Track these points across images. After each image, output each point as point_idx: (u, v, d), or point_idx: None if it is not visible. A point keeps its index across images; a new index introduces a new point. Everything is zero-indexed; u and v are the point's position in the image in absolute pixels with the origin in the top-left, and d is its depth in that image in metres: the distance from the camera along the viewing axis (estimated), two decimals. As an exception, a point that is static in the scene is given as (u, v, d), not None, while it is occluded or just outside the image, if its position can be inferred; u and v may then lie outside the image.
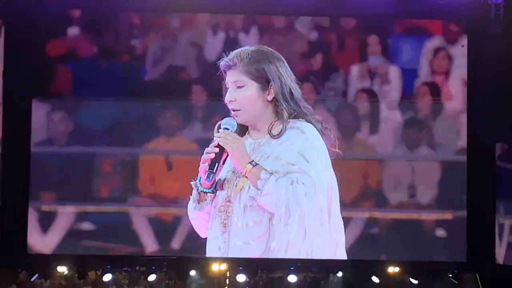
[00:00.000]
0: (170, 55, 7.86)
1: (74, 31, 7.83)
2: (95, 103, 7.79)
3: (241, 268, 7.54)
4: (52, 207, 7.76)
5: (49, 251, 7.71)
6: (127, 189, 7.82)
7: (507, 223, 7.66)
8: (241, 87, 3.93)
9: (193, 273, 7.65)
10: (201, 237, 4.12)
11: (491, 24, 7.55)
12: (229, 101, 3.95)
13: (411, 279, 7.68)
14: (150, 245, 7.75)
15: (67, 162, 7.79)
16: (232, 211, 3.92)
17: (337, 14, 7.78)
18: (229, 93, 3.95)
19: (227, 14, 7.81)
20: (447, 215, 7.82)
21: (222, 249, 3.95)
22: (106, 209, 7.77)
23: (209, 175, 3.86)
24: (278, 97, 3.93)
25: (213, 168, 3.86)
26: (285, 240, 3.79)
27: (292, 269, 7.56)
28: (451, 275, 7.66)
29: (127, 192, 7.81)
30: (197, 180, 3.98)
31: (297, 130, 3.92)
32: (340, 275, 7.65)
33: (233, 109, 3.95)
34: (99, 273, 7.69)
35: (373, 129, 7.87)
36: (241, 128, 3.98)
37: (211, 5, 7.68)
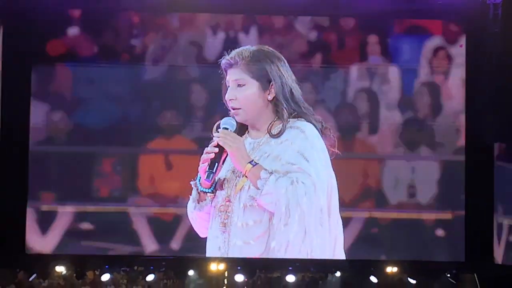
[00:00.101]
0: (170, 54, 7.86)
1: (74, 31, 7.83)
2: (95, 102, 7.79)
3: (239, 268, 7.54)
4: (51, 207, 7.76)
5: (48, 251, 7.70)
6: (126, 188, 7.82)
7: (506, 223, 7.66)
8: (242, 85, 3.92)
9: (191, 273, 7.65)
10: (201, 237, 4.11)
11: (489, 23, 7.54)
12: (230, 100, 3.94)
13: (409, 279, 7.69)
14: (149, 245, 7.74)
15: (67, 161, 7.79)
16: (232, 211, 3.91)
17: (336, 14, 7.78)
18: (229, 91, 3.94)
19: (227, 14, 7.81)
20: (446, 215, 7.82)
21: (222, 249, 3.94)
22: (105, 208, 7.76)
23: (209, 175, 3.85)
24: (278, 96, 3.92)
25: (213, 168, 3.85)
26: (285, 239, 3.78)
27: (290, 269, 7.55)
28: (449, 275, 7.66)
29: (127, 191, 7.81)
30: (197, 180, 3.97)
31: (297, 129, 3.92)
32: (338, 275, 7.65)
33: (233, 108, 3.93)
34: (97, 273, 7.70)
35: (373, 129, 7.87)
36: (240, 127, 3.97)
37: (211, 5, 7.68)
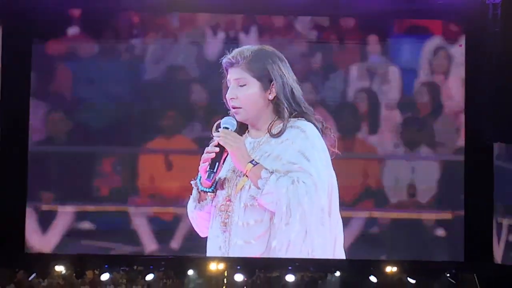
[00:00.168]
0: (170, 54, 7.86)
1: (74, 31, 7.82)
2: (95, 102, 7.79)
3: (239, 267, 7.54)
4: (51, 207, 7.75)
5: (48, 251, 7.70)
6: (126, 188, 7.81)
7: (505, 223, 7.65)
8: (243, 85, 3.93)
9: (191, 272, 7.65)
10: (201, 237, 4.11)
11: (489, 23, 7.54)
12: (230, 98, 3.94)
13: (409, 279, 7.69)
14: (149, 245, 7.74)
15: (67, 161, 7.78)
16: (232, 210, 3.91)
17: (337, 14, 7.78)
18: (230, 90, 3.94)
19: (227, 14, 7.81)
20: (446, 215, 7.82)
21: (222, 248, 3.95)
22: (105, 208, 7.76)
23: (210, 175, 3.86)
24: (279, 96, 3.93)
25: (214, 167, 3.86)
26: (286, 239, 3.79)
27: (290, 268, 7.55)
28: (449, 275, 7.66)
29: (127, 191, 7.81)
30: (197, 179, 3.97)
31: (297, 129, 3.92)
32: (338, 274, 7.65)
33: (234, 107, 3.94)
34: (97, 273, 7.69)
35: (373, 128, 7.87)
36: (240, 127, 3.97)
37: (211, 5, 7.68)
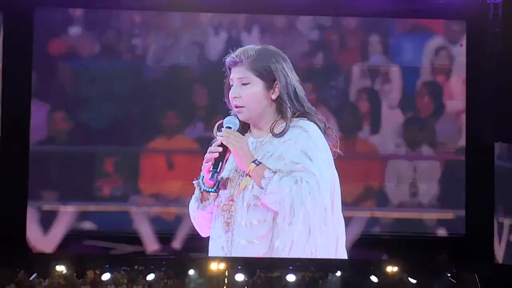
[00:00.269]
0: (172, 54, 7.86)
1: (75, 30, 7.82)
2: (96, 102, 7.79)
3: (239, 267, 7.54)
4: (53, 207, 7.75)
5: (50, 250, 7.69)
6: (128, 188, 7.81)
7: (506, 222, 7.66)
8: (246, 84, 3.91)
9: (192, 272, 7.65)
10: (202, 237, 4.10)
11: (489, 23, 7.54)
12: (233, 97, 3.93)
13: (409, 279, 7.69)
14: (151, 245, 7.74)
15: (68, 161, 7.78)
16: (235, 210, 3.90)
17: (338, 13, 7.78)
18: (233, 89, 3.93)
19: (229, 13, 7.81)
20: (447, 215, 7.82)
21: (225, 248, 3.93)
22: (107, 208, 7.76)
23: (213, 175, 3.85)
24: (282, 95, 3.92)
25: (217, 167, 3.85)
26: (290, 239, 3.78)
27: (290, 268, 7.55)
28: (450, 275, 7.66)
29: (128, 191, 7.81)
30: (200, 179, 3.96)
31: (300, 129, 3.91)
32: (338, 274, 7.65)
33: (237, 106, 3.92)
34: (98, 272, 7.69)
35: (374, 128, 7.87)
36: (242, 127, 3.96)
37: (212, 4, 7.68)
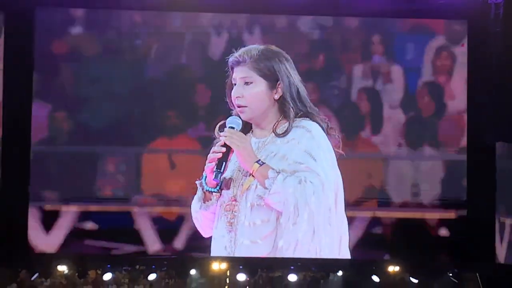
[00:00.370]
0: (173, 54, 7.86)
1: (76, 30, 7.82)
2: (98, 102, 7.78)
3: (241, 267, 7.53)
4: (54, 207, 7.75)
5: (52, 250, 7.69)
6: (130, 188, 7.81)
7: (508, 222, 7.66)
8: (249, 83, 3.92)
9: (193, 272, 7.65)
10: (204, 237, 4.10)
11: (491, 23, 7.54)
12: (236, 97, 3.93)
13: (411, 278, 7.68)
14: (153, 245, 7.73)
15: (70, 161, 7.78)
16: (238, 210, 3.90)
17: (339, 13, 7.78)
18: (236, 88, 3.93)
19: (230, 13, 7.80)
20: (449, 214, 7.82)
21: (228, 248, 3.94)
22: (109, 208, 7.76)
23: (217, 175, 3.85)
24: (285, 95, 3.92)
25: (221, 167, 3.85)
26: (294, 239, 3.78)
27: (292, 268, 7.55)
28: (451, 274, 7.65)
29: (130, 191, 7.81)
30: (203, 179, 3.96)
31: (303, 129, 3.92)
32: (340, 274, 7.65)
33: (239, 105, 3.92)
34: (99, 272, 7.69)
35: (376, 128, 7.87)
36: (244, 127, 3.96)
37: (213, 4, 7.68)
